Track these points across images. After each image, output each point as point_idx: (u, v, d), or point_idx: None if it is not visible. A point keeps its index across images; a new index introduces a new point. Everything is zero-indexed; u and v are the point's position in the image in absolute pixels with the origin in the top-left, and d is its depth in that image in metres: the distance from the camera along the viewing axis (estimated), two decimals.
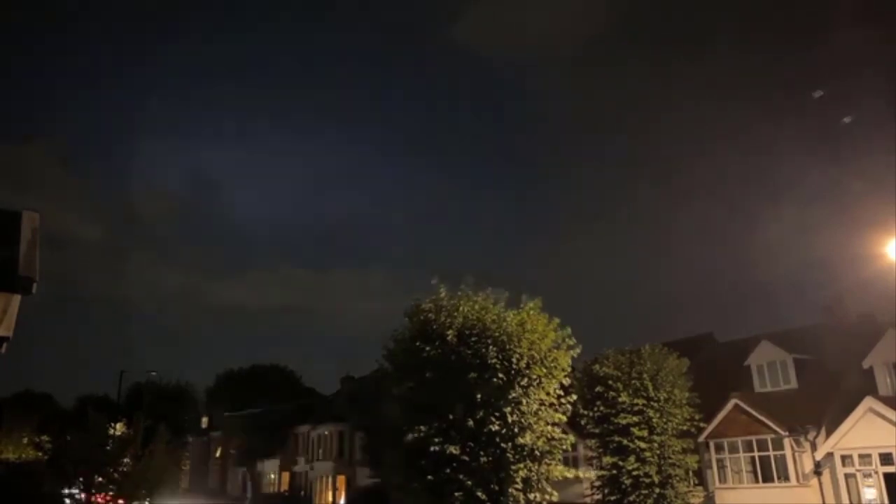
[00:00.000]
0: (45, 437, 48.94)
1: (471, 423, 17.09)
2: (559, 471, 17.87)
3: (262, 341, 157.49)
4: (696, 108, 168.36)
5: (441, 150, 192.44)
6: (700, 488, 27.14)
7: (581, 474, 22.60)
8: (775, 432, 25.11)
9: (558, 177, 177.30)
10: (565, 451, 19.10)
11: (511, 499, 16.94)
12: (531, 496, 17.30)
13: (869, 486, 22.78)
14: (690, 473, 25.57)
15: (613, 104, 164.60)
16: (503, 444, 17.06)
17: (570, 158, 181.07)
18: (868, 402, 22.83)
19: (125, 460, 32.96)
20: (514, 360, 17.42)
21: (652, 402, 24.62)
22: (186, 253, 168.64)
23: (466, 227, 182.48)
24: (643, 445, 24.03)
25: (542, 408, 17.94)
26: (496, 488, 16.92)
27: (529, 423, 17.47)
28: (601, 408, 25.07)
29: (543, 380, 17.98)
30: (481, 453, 17.02)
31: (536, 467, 17.41)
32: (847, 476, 23.39)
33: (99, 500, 33.29)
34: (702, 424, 26.23)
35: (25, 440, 51.39)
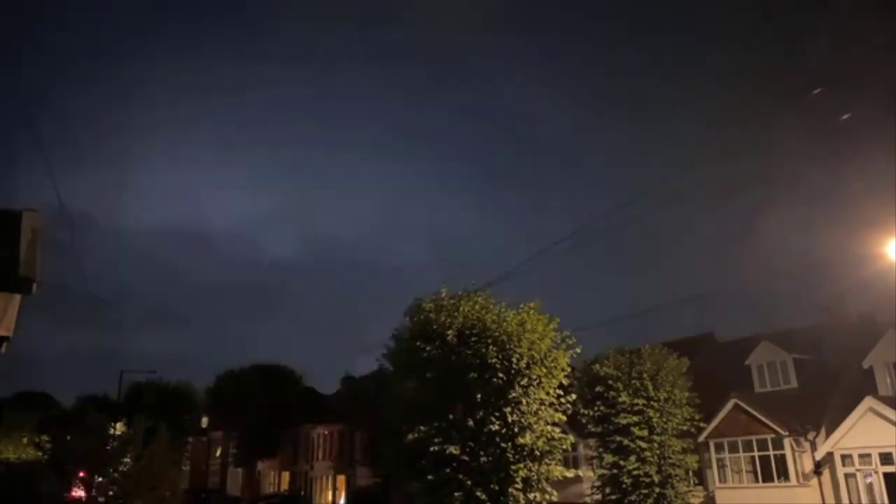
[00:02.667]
0: (45, 437, 48.90)
1: (471, 423, 17.09)
2: (559, 471, 17.87)
3: (262, 341, 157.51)
4: (695, 108, 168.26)
5: (440, 152, 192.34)
6: (700, 488, 27.13)
7: (581, 474, 22.60)
8: (775, 432, 25.09)
9: (558, 176, 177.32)
10: (565, 450, 19.09)
11: (511, 499, 16.94)
12: (531, 496, 17.30)
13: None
14: (690, 473, 25.56)
15: (613, 102, 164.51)
16: (503, 444, 17.05)
17: (569, 158, 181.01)
18: (868, 401, 22.82)
19: (125, 460, 32.92)
20: (514, 360, 17.41)
21: (652, 402, 24.61)
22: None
23: (467, 229, 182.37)
24: (643, 445, 24.01)
25: (542, 407, 17.94)
26: (496, 488, 16.92)
27: (529, 423, 17.47)
28: (601, 408, 25.05)
29: (543, 380, 17.98)
30: (481, 453, 17.02)
31: (536, 467, 17.41)
32: (847, 476, 23.37)
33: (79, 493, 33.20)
34: (702, 424, 26.21)
35: (25, 440, 51.31)
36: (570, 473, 18.81)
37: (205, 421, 64.80)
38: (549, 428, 17.95)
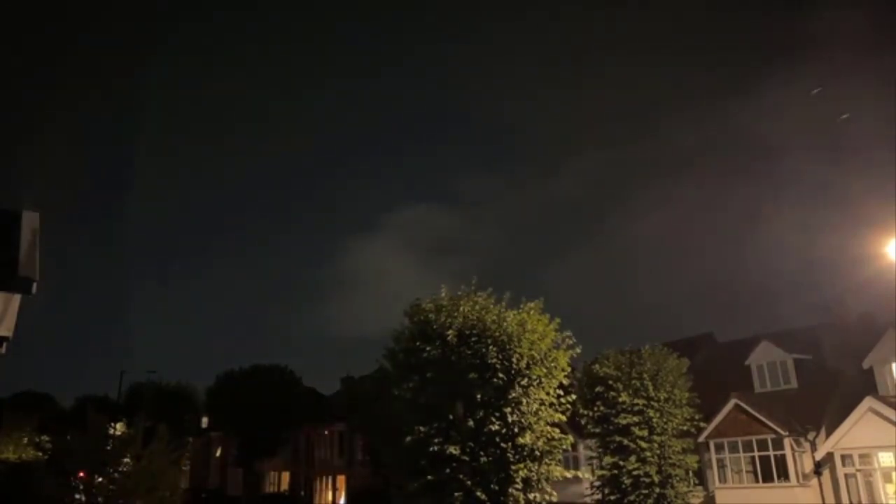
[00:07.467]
0: (45, 437, 48.86)
1: (471, 423, 17.09)
2: (559, 471, 17.86)
3: (262, 341, 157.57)
4: (695, 109, 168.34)
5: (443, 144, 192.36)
6: (700, 488, 27.14)
7: (581, 474, 22.61)
8: (775, 432, 25.10)
9: (557, 176, 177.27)
10: (565, 451, 19.08)
11: (511, 499, 16.93)
12: (531, 496, 17.29)
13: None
14: (690, 473, 25.55)
15: (612, 106, 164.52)
16: (503, 444, 17.04)
17: (568, 158, 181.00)
18: (868, 401, 22.84)
19: (125, 460, 32.86)
20: (514, 360, 17.41)
21: (652, 402, 24.60)
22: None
23: (468, 229, 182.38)
24: (643, 445, 24.01)
25: (542, 408, 17.93)
26: (496, 488, 16.91)
27: (529, 423, 17.46)
28: (601, 408, 25.05)
29: (543, 380, 17.97)
30: (481, 453, 17.01)
31: (536, 467, 17.40)
32: (847, 476, 23.39)
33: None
34: (702, 424, 26.22)
35: (25, 440, 51.29)
36: (569, 474, 18.80)
37: (205, 421, 64.72)
38: (548, 428, 17.94)
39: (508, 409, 17.16)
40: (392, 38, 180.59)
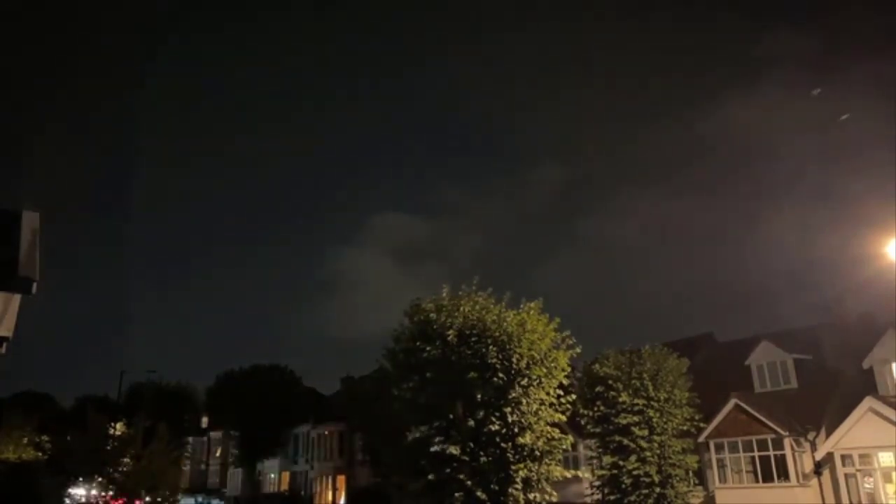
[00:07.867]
0: (45, 437, 48.98)
1: (471, 423, 17.10)
2: (559, 471, 17.87)
3: (262, 341, 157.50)
4: (694, 109, 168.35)
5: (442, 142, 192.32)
6: (700, 488, 27.12)
7: (581, 474, 22.61)
8: (775, 432, 25.09)
9: (556, 176, 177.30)
10: (565, 451, 19.09)
11: (511, 499, 16.94)
12: (531, 496, 17.30)
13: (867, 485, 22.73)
14: (690, 473, 25.53)
15: (610, 105, 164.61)
16: (503, 444, 17.05)
17: (567, 158, 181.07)
18: (868, 401, 22.82)
19: (125, 460, 32.94)
20: (514, 360, 17.41)
21: (652, 402, 24.58)
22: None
23: (467, 228, 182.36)
24: (643, 445, 24.00)
25: (542, 408, 17.93)
26: (496, 488, 16.92)
27: (529, 423, 17.47)
28: (601, 408, 25.03)
29: (543, 380, 17.97)
30: (481, 453, 17.02)
31: (536, 467, 17.40)
32: (847, 476, 23.38)
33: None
34: (702, 424, 26.20)
35: (25, 440, 51.33)
36: (569, 474, 18.81)
37: (205, 421, 64.77)
38: (548, 428, 17.94)
39: (508, 409, 17.16)
40: (392, 42, 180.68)
